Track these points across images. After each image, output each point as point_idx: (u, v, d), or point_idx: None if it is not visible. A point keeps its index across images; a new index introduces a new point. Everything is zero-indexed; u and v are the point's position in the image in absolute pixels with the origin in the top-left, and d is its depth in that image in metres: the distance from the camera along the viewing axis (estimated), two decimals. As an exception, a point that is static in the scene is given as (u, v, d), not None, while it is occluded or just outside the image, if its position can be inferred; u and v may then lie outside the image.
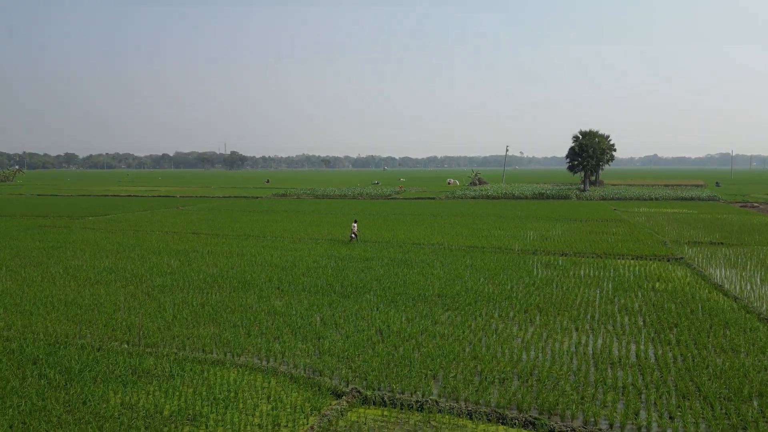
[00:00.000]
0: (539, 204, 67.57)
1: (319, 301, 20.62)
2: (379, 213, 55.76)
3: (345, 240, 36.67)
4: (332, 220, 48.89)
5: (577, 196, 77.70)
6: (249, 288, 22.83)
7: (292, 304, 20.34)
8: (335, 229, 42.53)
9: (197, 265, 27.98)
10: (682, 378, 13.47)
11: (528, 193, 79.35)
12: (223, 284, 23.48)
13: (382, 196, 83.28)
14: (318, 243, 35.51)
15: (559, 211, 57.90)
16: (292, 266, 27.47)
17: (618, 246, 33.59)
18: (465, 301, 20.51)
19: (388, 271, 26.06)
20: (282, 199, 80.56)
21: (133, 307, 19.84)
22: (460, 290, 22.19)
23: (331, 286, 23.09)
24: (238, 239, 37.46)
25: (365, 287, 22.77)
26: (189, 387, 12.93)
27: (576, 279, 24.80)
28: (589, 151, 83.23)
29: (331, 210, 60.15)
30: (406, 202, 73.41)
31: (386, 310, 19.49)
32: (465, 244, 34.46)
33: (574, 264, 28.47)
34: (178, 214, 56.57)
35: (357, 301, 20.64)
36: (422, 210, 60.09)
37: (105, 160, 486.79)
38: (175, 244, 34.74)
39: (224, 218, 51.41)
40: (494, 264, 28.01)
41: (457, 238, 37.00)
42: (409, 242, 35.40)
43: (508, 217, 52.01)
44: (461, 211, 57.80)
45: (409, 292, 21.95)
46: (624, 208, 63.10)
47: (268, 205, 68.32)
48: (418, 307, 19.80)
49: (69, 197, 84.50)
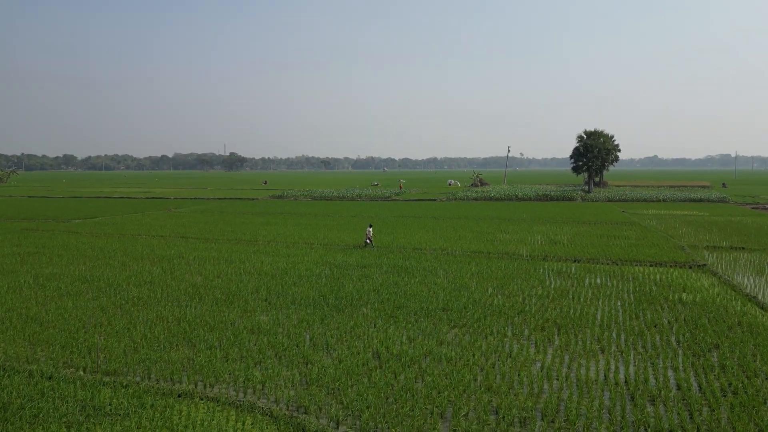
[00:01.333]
0: (544, 206, 65.37)
1: (309, 316, 18.43)
2: (379, 216, 53.57)
3: (342, 245, 34.48)
4: (329, 223, 46.71)
5: (581, 197, 75.50)
6: (233, 300, 20.63)
7: (280, 319, 18.15)
8: (332, 232, 40.34)
9: (180, 273, 25.78)
10: (738, 417, 11.26)
11: (531, 195, 77.10)
12: (205, 296, 21.29)
13: (381, 197, 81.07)
14: (313, 248, 33.33)
15: (565, 213, 55.70)
16: (282, 274, 25.28)
17: (633, 251, 31.39)
18: (473, 316, 18.32)
19: (388, 280, 23.87)
20: (278, 200, 78.35)
21: (101, 323, 17.64)
22: (466, 302, 20.00)
23: (324, 297, 20.91)
24: (228, 244, 35.28)
25: (362, 299, 20.58)
26: (146, 431, 10.72)
27: (593, 289, 22.60)
28: (594, 151, 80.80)
29: (329, 212, 57.95)
30: (406, 204, 71.21)
31: (385, 326, 17.30)
32: (469, 249, 32.27)
33: (588, 272, 26.28)
34: (168, 216, 54.37)
35: (352, 316, 18.44)
36: (423, 212, 57.88)
37: (104, 162, 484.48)
38: (161, 250, 32.54)
39: (216, 221, 49.22)
40: (502, 272, 25.82)
41: (461, 243, 34.82)
42: (409, 247, 33.22)
43: (512, 219, 49.81)
44: (464, 214, 55.58)
45: (411, 305, 19.76)
46: (632, 209, 60.89)
47: (264, 207, 66.12)
48: (420, 324, 17.61)
49: (60, 199, 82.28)
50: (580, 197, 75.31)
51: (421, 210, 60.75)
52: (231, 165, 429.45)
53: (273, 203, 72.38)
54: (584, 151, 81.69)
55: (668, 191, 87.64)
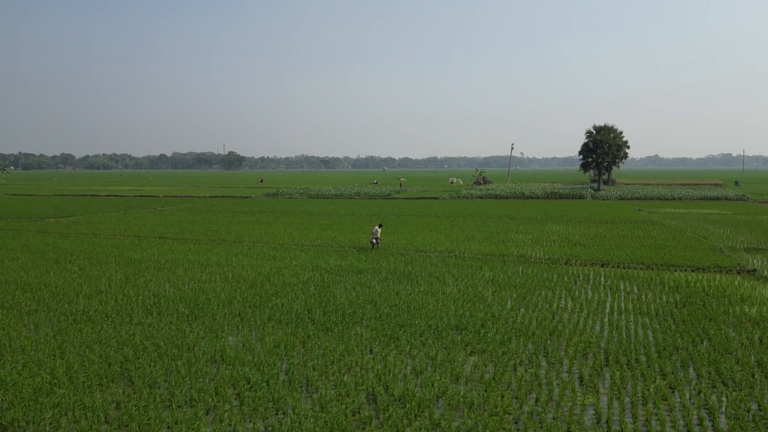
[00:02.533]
0: (553, 204, 61.51)
1: (289, 338, 14.67)
2: (378, 214, 49.80)
3: (337, 246, 30.73)
4: (323, 222, 42.93)
5: (592, 195, 71.69)
6: (199, 315, 16.88)
7: (251, 342, 14.39)
8: (326, 232, 36.57)
9: (144, 280, 22.02)
10: None
11: (539, 193, 73.23)
12: (165, 309, 17.53)
13: (380, 195, 77.25)
14: (303, 250, 29.56)
15: (577, 211, 51.90)
16: (264, 281, 21.52)
17: (666, 254, 27.64)
18: (494, 338, 14.56)
19: (387, 289, 20.11)
20: (272, 199, 74.57)
21: (21, 348, 13.86)
22: (484, 319, 16.24)
23: (309, 311, 17.15)
24: (209, 245, 31.52)
25: (356, 314, 16.83)
26: None
27: (636, 302, 18.82)
28: (605, 147, 76.70)
29: (324, 211, 54.15)
30: (407, 202, 67.37)
31: (384, 352, 13.54)
32: (479, 252, 28.52)
33: (621, 278, 22.50)
34: (151, 215, 50.58)
35: (342, 338, 14.68)
36: (425, 210, 54.07)
37: (101, 161, 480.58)
38: (131, 252, 28.78)
39: (202, 220, 45.44)
40: (521, 279, 22.06)
41: (469, 244, 31.05)
42: (412, 249, 29.46)
43: (522, 218, 46.02)
44: (469, 212, 51.77)
45: (416, 321, 16.00)
46: (648, 208, 57.07)
47: (256, 205, 62.30)
48: (429, 348, 13.86)
49: (43, 197, 78.43)
50: (590, 195, 71.53)
51: (423, 208, 56.95)
52: (229, 164, 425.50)
53: (266, 201, 68.57)
54: (594, 147, 77.65)
55: (681, 189, 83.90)
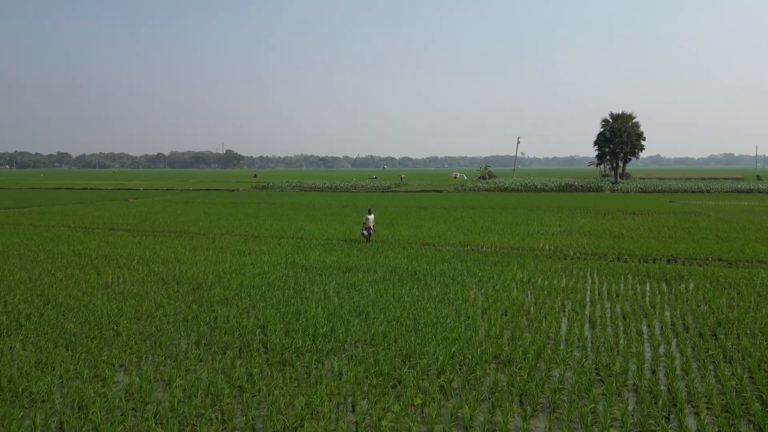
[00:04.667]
0: (571, 196, 55.30)
1: (216, 384, 8.58)
2: (377, 205, 43.76)
3: (323, 239, 24.68)
4: (312, 214, 36.88)
5: (610, 188, 65.58)
6: (93, 337, 10.82)
7: (152, 384, 8.32)
8: (312, 223, 30.53)
9: (51, 281, 15.97)
10: None
11: (552, 185, 67.00)
12: (50, 327, 11.48)
13: (380, 188, 71.13)
14: (281, 243, 23.53)
15: (603, 203, 45.79)
16: (214, 283, 15.47)
17: (736, 246, 21.61)
18: (566, 382, 8.49)
19: (385, 295, 14.05)
20: (261, 191, 68.52)
21: None
22: (539, 343, 10.18)
23: (264, 329, 11.12)
24: (167, 237, 25.50)
25: (335, 334, 10.78)
26: None
27: (758, 317, 12.74)
28: (623, 135, 70.43)
29: (315, 203, 48.08)
30: (409, 194, 61.17)
31: (378, 417, 7.46)
32: (502, 245, 22.48)
33: (704, 278, 16.43)
34: (119, 206, 44.54)
35: (307, 381, 8.62)
36: (430, 202, 47.97)
37: (98, 160, 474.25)
38: (59, 245, 22.73)
39: (171, 211, 39.40)
40: (573, 280, 16.00)
41: (488, 236, 25.00)
42: (416, 241, 23.42)
43: (542, 209, 39.92)
44: (479, 204, 45.65)
45: (429, 348, 9.94)
46: (679, 200, 50.94)
47: (240, 197, 56.21)
48: (455, 401, 7.78)
49: (15, 190, 72.25)
50: (608, 188, 65.41)
51: (427, 200, 50.84)
52: (227, 163, 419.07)
53: (253, 194, 62.43)
54: (611, 136, 71.23)
55: (702, 183, 77.65)
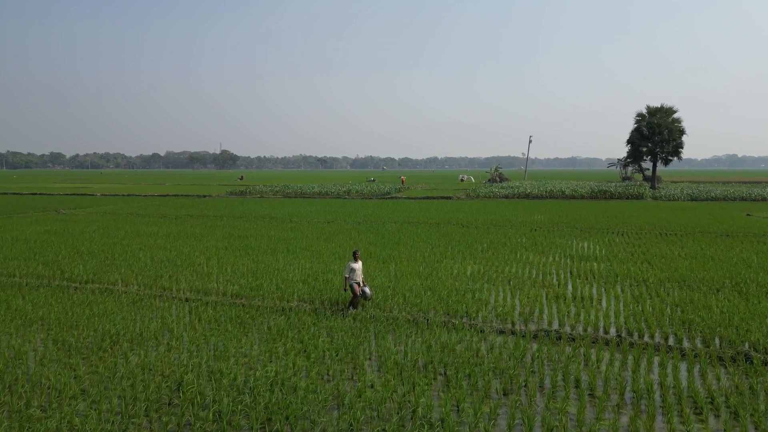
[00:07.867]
0: (612, 206, 44.71)
1: None
2: (374, 221, 33.23)
3: (271, 295, 14.19)
4: (280, 236, 26.34)
5: (652, 195, 55.00)
6: None
7: None
8: (270, 257, 19.98)
9: None
10: None
11: (584, 192, 56.30)
12: None
13: (377, 194, 60.31)
14: (193, 309, 13.00)
15: (662, 216, 35.22)
16: None
17: None
18: None
19: None
20: (236, 198, 57.91)
21: None
22: None
23: None
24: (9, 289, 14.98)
25: None
26: None
27: None
28: (664, 133, 59.75)
29: (294, 215, 37.40)
30: (413, 203, 50.47)
31: None
32: (595, 324, 11.97)
33: None
34: (33, 222, 33.98)
35: None
36: (441, 215, 37.19)
37: (92, 160, 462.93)
38: None
39: (92, 233, 28.87)
40: None
41: (552, 292, 14.49)
42: (435, 299, 12.89)
43: (596, 228, 29.39)
44: (506, 217, 34.97)
45: None
46: (756, 211, 40.33)
47: (204, 207, 45.51)
48: None
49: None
50: (649, 195, 54.83)
51: (436, 211, 40.11)
52: (223, 163, 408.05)
53: (222, 202, 51.70)
54: (649, 133, 60.50)
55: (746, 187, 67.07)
